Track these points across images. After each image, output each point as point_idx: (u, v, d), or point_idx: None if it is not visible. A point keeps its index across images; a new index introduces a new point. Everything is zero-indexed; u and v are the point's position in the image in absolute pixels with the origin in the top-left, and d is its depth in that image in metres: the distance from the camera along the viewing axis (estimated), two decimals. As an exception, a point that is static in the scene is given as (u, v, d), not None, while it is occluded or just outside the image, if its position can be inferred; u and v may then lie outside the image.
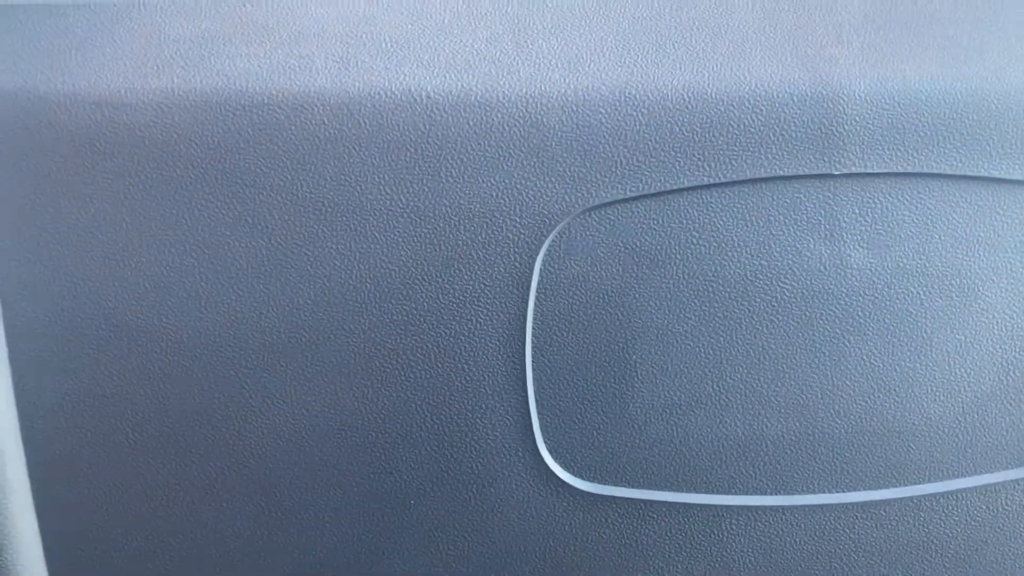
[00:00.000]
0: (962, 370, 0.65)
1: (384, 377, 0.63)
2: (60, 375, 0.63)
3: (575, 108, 0.59)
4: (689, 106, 0.59)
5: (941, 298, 0.63)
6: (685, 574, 0.67)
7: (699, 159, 0.60)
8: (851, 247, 0.62)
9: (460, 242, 0.61)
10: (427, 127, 0.59)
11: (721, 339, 0.63)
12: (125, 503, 0.66)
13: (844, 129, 0.60)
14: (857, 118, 0.60)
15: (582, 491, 0.65)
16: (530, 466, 0.65)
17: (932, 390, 0.65)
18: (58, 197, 0.60)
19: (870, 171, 0.60)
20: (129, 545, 0.67)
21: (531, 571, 0.67)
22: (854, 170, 0.60)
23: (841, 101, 0.60)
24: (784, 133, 0.60)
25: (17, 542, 0.65)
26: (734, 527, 0.66)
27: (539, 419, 0.64)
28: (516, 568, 0.67)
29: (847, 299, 0.63)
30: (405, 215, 0.60)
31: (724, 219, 0.61)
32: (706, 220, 0.61)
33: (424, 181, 0.60)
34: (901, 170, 0.60)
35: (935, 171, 0.61)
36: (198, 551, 0.67)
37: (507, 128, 0.59)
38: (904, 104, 0.60)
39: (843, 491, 0.66)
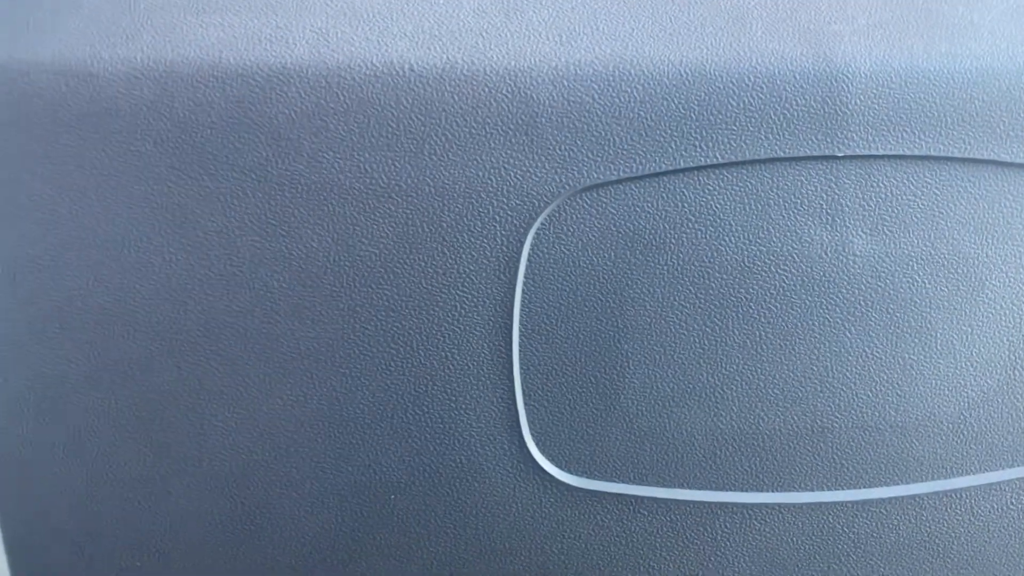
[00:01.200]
0: (966, 363, 0.63)
1: (364, 364, 0.61)
2: (24, 360, 0.61)
3: (567, 83, 0.57)
4: (686, 83, 0.57)
5: (946, 286, 0.61)
6: (676, 572, 0.66)
7: (696, 139, 0.57)
8: (853, 232, 0.60)
9: (444, 223, 0.58)
10: (410, 102, 0.57)
11: (717, 328, 0.61)
12: (94, 495, 0.63)
13: (847, 109, 0.57)
14: (861, 98, 0.57)
15: (570, 486, 0.63)
16: (516, 460, 0.63)
17: (935, 383, 0.63)
18: (20, 172, 0.58)
19: (874, 153, 0.58)
20: (98, 538, 0.65)
21: (516, 569, 0.65)
22: (857, 152, 0.58)
23: (845, 80, 0.57)
24: (785, 112, 0.57)
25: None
26: (728, 525, 0.64)
27: (526, 410, 0.62)
28: (501, 565, 0.65)
29: (848, 287, 0.60)
30: (386, 194, 0.58)
31: (721, 202, 0.59)
32: (703, 203, 0.59)
33: (406, 158, 0.57)
34: (906, 152, 0.58)
35: (942, 153, 0.59)
36: (171, 544, 0.65)
37: (495, 103, 0.57)
38: (910, 84, 0.58)
39: (841, 488, 0.64)
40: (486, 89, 0.57)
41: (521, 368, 0.61)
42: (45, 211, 0.58)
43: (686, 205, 0.59)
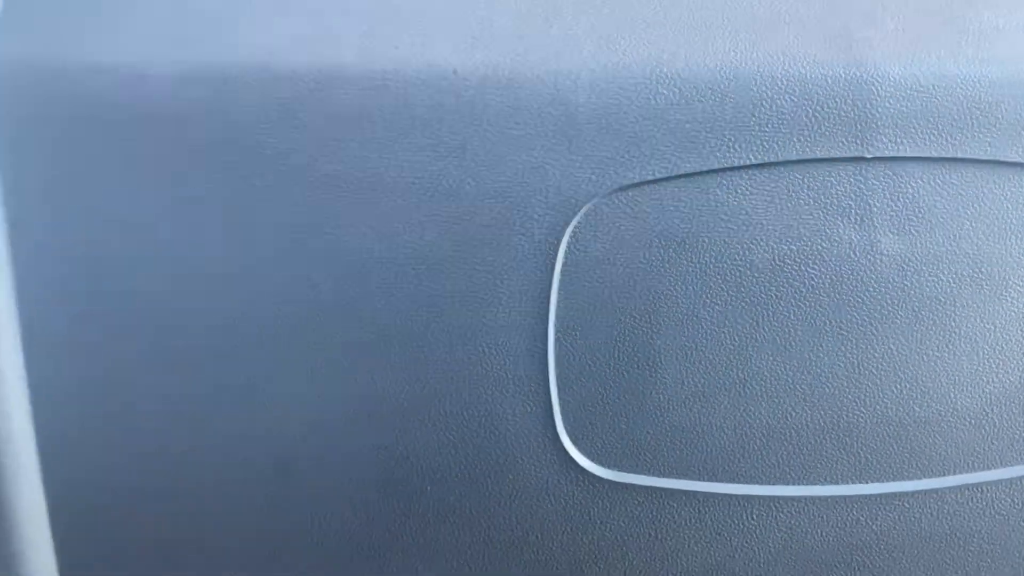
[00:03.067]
0: (991, 361, 0.63)
1: (402, 359, 0.62)
2: (74, 356, 0.62)
3: (604, 86, 0.58)
4: (720, 86, 0.58)
5: (972, 287, 0.62)
6: (706, 563, 0.66)
7: (729, 140, 0.59)
8: (882, 233, 0.61)
9: (483, 222, 0.60)
10: (452, 103, 0.58)
11: (747, 325, 0.62)
12: (138, 486, 0.65)
13: (877, 112, 0.59)
14: (890, 101, 0.59)
15: (603, 479, 0.64)
16: (550, 453, 0.64)
17: (960, 380, 0.64)
18: (74, 172, 0.59)
19: (903, 155, 0.59)
20: (141, 527, 0.66)
21: (549, 560, 0.66)
22: (887, 154, 0.59)
23: (874, 84, 0.58)
24: (816, 115, 0.59)
25: (26, 528, 0.64)
26: (756, 517, 0.65)
27: (560, 405, 0.63)
28: (534, 557, 0.66)
29: (876, 286, 0.61)
30: (428, 194, 0.59)
31: (753, 202, 0.60)
32: (735, 203, 0.60)
33: (448, 159, 0.59)
34: (935, 155, 0.59)
35: (970, 156, 0.60)
36: (211, 534, 0.66)
37: (534, 106, 0.58)
38: (938, 88, 0.59)
39: (867, 482, 0.65)
40: (526, 92, 0.58)
41: (556, 364, 0.62)
42: (98, 211, 0.60)
43: (719, 205, 0.60)
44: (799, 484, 0.65)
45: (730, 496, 0.65)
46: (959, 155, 0.60)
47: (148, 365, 0.62)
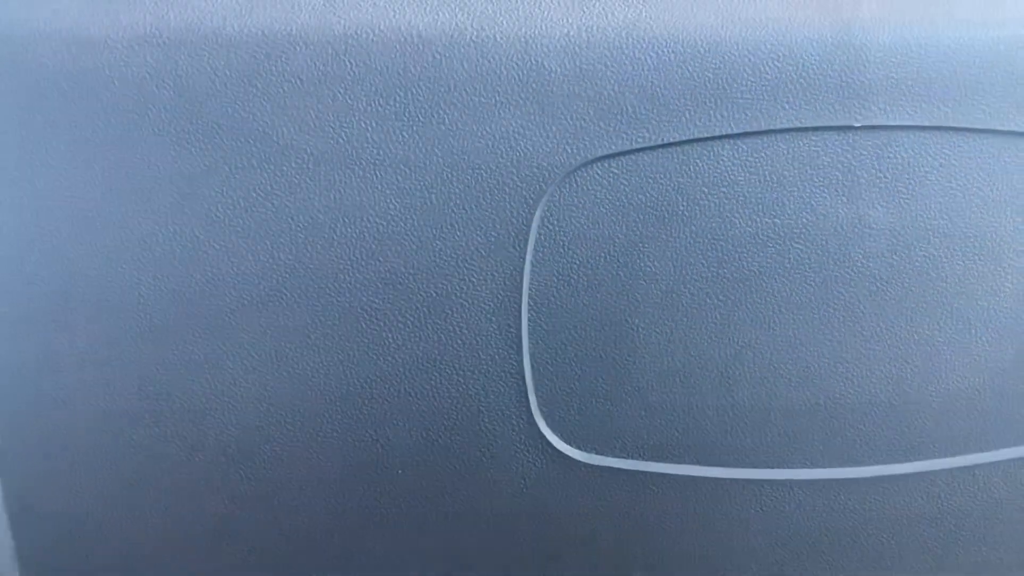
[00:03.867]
0: (984, 339, 0.62)
1: (370, 339, 0.60)
2: (26, 338, 0.60)
3: (578, 50, 0.56)
4: (700, 50, 0.56)
5: (963, 260, 0.60)
6: (688, 550, 0.65)
7: (710, 108, 0.56)
8: (870, 204, 0.59)
9: (452, 194, 0.57)
10: (418, 69, 0.56)
11: (730, 302, 0.60)
12: (97, 473, 0.63)
13: (866, 79, 0.56)
14: (880, 67, 0.56)
15: (580, 462, 0.63)
16: (524, 435, 0.62)
17: (951, 359, 0.62)
18: (22, 140, 0.57)
19: (893, 124, 0.57)
20: (102, 517, 0.64)
21: (528, 545, 0.65)
22: (876, 122, 0.57)
23: (863, 48, 0.56)
24: (802, 82, 0.56)
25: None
26: (740, 501, 0.64)
27: (535, 386, 0.61)
28: (512, 541, 0.65)
29: (865, 260, 0.60)
30: (393, 164, 0.57)
31: (736, 173, 0.58)
32: (717, 174, 0.58)
33: (414, 127, 0.56)
34: (926, 123, 0.57)
35: (962, 125, 0.57)
36: (176, 522, 0.64)
37: (504, 71, 0.56)
38: (931, 52, 0.56)
39: (856, 465, 0.64)
40: (496, 56, 0.56)
41: (530, 342, 0.60)
42: (47, 183, 0.58)
43: (700, 176, 0.58)
44: (785, 468, 0.63)
45: (713, 480, 0.63)
46: (951, 124, 0.57)
47: (103, 347, 0.60)
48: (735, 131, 0.57)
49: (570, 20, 0.56)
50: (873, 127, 0.57)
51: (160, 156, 0.57)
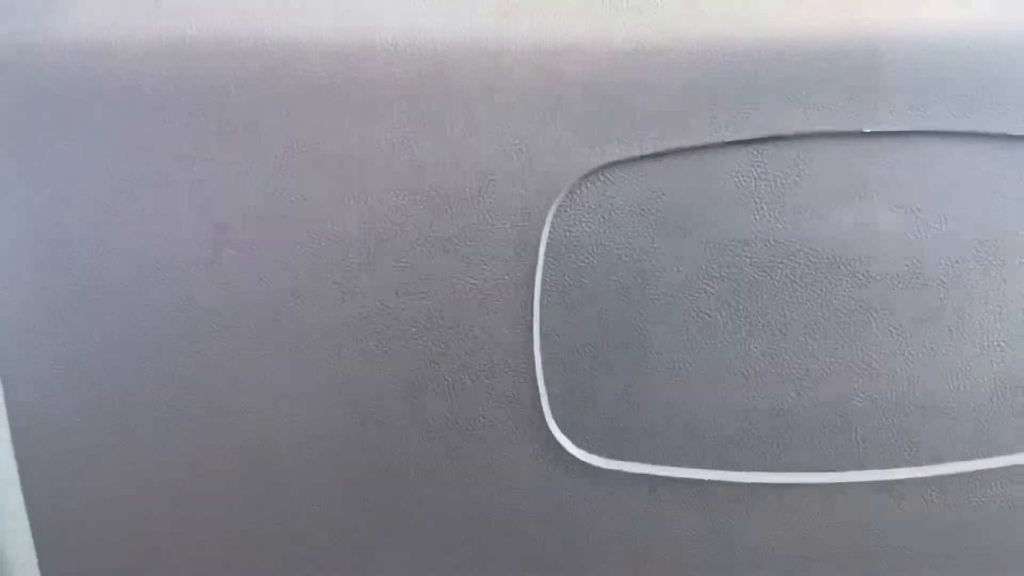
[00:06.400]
0: (994, 343, 0.62)
1: (383, 342, 0.60)
2: (43, 337, 0.60)
3: (590, 57, 0.56)
4: (712, 55, 0.56)
5: (975, 265, 0.60)
6: (700, 552, 0.65)
7: (722, 113, 0.56)
8: (881, 210, 0.59)
9: (464, 199, 0.57)
10: (432, 74, 0.56)
11: (741, 307, 0.60)
12: (112, 471, 0.63)
13: (881, 81, 0.56)
14: (895, 69, 0.56)
15: (592, 466, 0.63)
16: (538, 440, 0.62)
17: (962, 364, 0.62)
18: (42, 146, 0.58)
19: (906, 129, 0.57)
20: (115, 519, 0.64)
21: (542, 549, 0.65)
22: (889, 127, 0.57)
23: (877, 52, 0.56)
24: (815, 86, 0.56)
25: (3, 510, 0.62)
26: (750, 504, 0.64)
27: (547, 392, 0.61)
28: (523, 546, 0.65)
29: (874, 265, 0.59)
30: (406, 169, 0.57)
31: (746, 179, 0.58)
32: (727, 179, 0.58)
33: (428, 132, 0.56)
34: (940, 128, 0.57)
35: (975, 129, 0.57)
36: (190, 526, 0.64)
37: (516, 76, 0.56)
38: (947, 54, 0.56)
39: (866, 468, 0.63)
40: (508, 61, 0.56)
41: (542, 348, 0.60)
42: (65, 189, 0.58)
43: (710, 181, 0.58)
44: (797, 471, 0.63)
45: (725, 483, 0.63)
46: (965, 128, 0.57)
47: (118, 351, 0.60)
48: (745, 137, 0.57)
49: (582, 25, 0.56)
50: (884, 133, 0.57)
51: (177, 159, 0.57)
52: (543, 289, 0.59)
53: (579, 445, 0.62)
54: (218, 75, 0.56)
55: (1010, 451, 0.64)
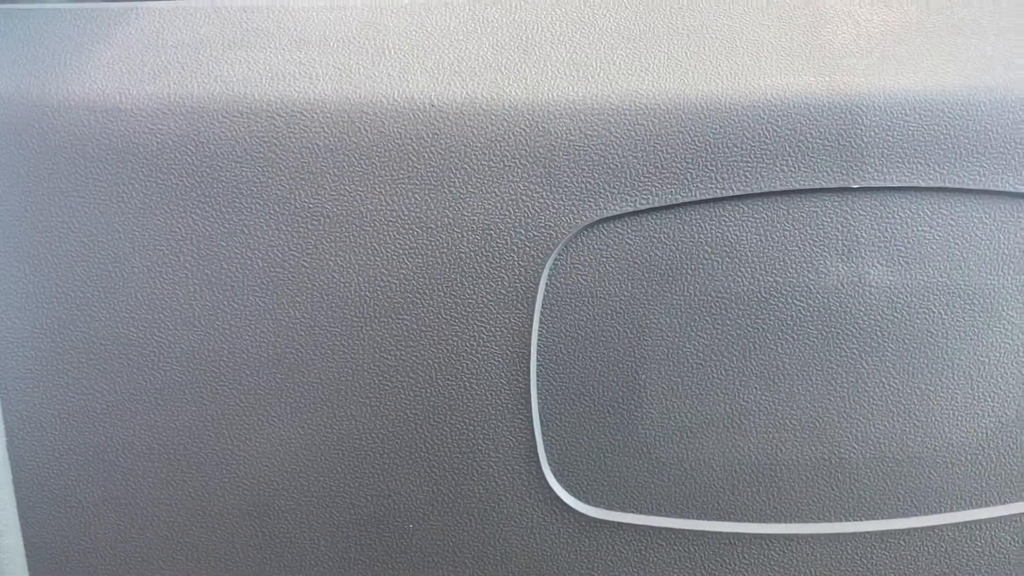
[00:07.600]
0: (985, 394, 0.62)
1: (383, 395, 0.61)
2: (47, 388, 0.62)
3: (583, 117, 0.57)
4: (701, 115, 0.57)
5: (963, 318, 0.61)
6: (695, 604, 0.65)
7: (711, 170, 0.58)
8: (869, 264, 0.60)
9: (463, 254, 0.59)
10: (431, 135, 0.57)
11: (734, 359, 0.61)
12: (113, 522, 0.64)
13: (862, 141, 0.58)
14: (876, 130, 0.58)
15: (588, 516, 0.63)
16: (534, 489, 0.62)
17: (954, 414, 0.62)
18: (50, 204, 0.59)
19: (889, 185, 0.58)
20: (117, 564, 0.65)
21: (535, 599, 0.65)
22: (873, 183, 0.58)
23: (859, 112, 0.58)
24: (800, 144, 0.58)
25: (1, 559, 0.63)
26: (746, 555, 0.64)
27: (544, 440, 0.62)
28: (519, 596, 0.65)
29: (865, 318, 0.60)
30: (407, 226, 0.59)
31: (737, 233, 0.59)
32: (718, 234, 0.59)
33: (427, 191, 0.58)
34: (922, 184, 0.58)
35: (957, 185, 0.59)
36: (189, 573, 0.64)
37: (513, 137, 0.58)
38: (925, 116, 0.58)
39: (860, 519, 0.64)
40: (505, 123, 0.57)
41: (539, 398, 0.61)
42: (74, 244, 0.59)
43: (702, 236, 0.59)
44: (790, 522, 0.63)
45: (719, 534, 0.64)
46: (947, 184, 0.59)
47: (122, 404, 0.61)
48: (735, 193, 0.58)
49: (575, 89, 0.58)
50: (870, 188, 0.59)
51: (182, 219, 0.59)
52: (540, 340, 0.60)
53: (575, 495, 0.63)
54: (222, 136, 0.58)
55: (1003, 501, 0.64)
